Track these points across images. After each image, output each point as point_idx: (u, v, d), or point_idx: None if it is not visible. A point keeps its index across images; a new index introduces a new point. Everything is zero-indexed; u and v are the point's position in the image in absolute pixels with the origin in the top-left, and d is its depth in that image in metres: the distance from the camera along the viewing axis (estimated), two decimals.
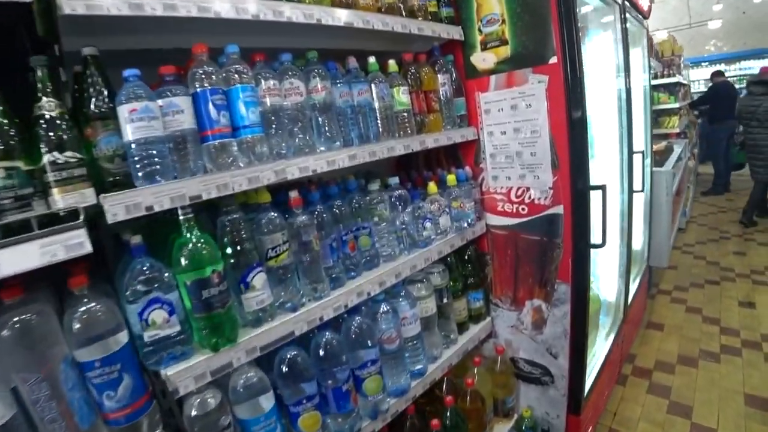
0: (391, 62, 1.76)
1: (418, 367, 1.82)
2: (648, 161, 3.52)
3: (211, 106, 1.17)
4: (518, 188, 2.04)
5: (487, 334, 2.28)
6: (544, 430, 2.15)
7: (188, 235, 1.16)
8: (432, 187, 1.91)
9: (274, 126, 1.34)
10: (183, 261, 1.15)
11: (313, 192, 1.49)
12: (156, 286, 1.14)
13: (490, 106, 2.05)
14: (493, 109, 2.04)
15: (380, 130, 1.65)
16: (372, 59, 1.71)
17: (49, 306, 1.08)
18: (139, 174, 1.08)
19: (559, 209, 1.93)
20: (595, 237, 1.97)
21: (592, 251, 1.97)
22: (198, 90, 1.17)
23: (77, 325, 1.06)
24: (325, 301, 1.42)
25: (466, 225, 2.02)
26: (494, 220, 2.16)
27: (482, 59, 2.01)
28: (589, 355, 2.22)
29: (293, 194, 1.39)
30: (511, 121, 1.98)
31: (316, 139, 1.46)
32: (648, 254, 3.82)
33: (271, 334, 1.30)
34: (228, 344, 1.21)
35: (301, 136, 1.40)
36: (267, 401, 1.35)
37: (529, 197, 2.01)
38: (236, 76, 1.22)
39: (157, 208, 1.08)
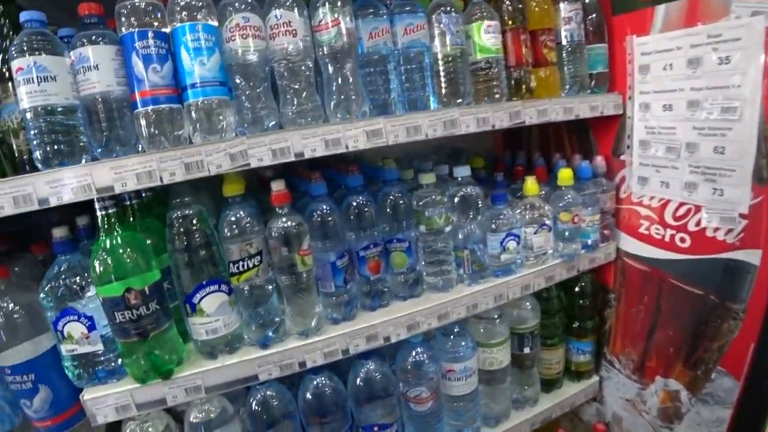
0: None
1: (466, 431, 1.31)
2: None
3: (136, 56, 0.78)
4: (680, 204, 1.22)
5: (590, 398, 1.59)
6: None
7: (104, 237, 0.86)
8: (531, 185, 1.25)
9: (249, 84, 0.89)
10: (93, 271, 0.86)
11: (315, 182, 1.02)
12: (72, 295, 0.90)
13: (649, 60, 1.22)
14: (655, 66, 1.20)
15: (443, 90, 1.05)
16: None
17: None
18: (37, 154, 0.79)
19: (751, 256, 1.09)
20: None
21: None
22: (124, 34, 0.79)
23: None
24: (313, 341, 1.00)
25: (581, 248, 1.32)
26: (632, 245, 1.39)
27: None
28: None
29: (276, 186, 0.95)
30: (686, 88, 1.14)
31: (326, 103, 0.96)
32: None
33: (225, 373, 0.96)
34: (158, 377, 0.92)
35: (296, 99, 0.92)
36: None
37: (698, 223, 1.18)
38: (183, 11, 0.79)
39: (54, 201, 0.79)
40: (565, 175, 1.29)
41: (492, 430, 1.36)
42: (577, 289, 1.45)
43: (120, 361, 0.95)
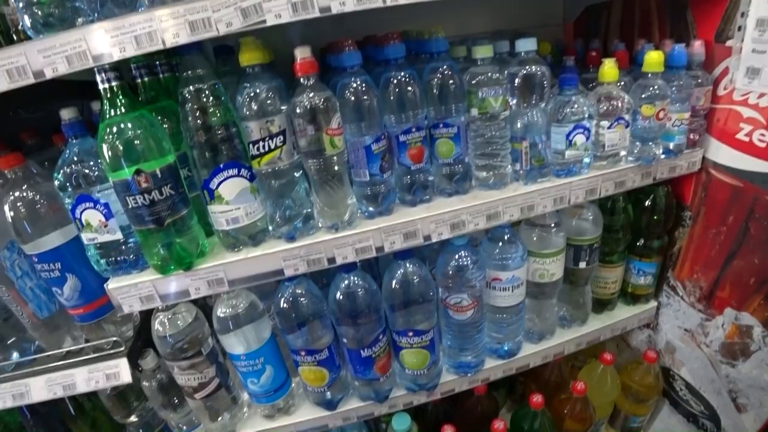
0: None
1: (506, 345, 1.22)
2: None
3: None
4: None
5: (643, 324, 1.46)
6: None
7: (108, 115, 0.76)
8: (609, 68, 1.02)
9: None
10: (100, 151, 0.77)
11: (348, 50, 0.83)
12: (87, 181, 0.84)
13: None
14: None
15: None
16: None
17: None
18: (26, 19, 0.71)
19: None
20: None
21: None
22: None
23: (10, 213, 0.88)
24: (344, 235, 0.89)
25: (661, 152, 1.10)
26: (725, 154, 1.14)
27: None
28: None
29: (301, 53, 0.79)
30: None
31: None
32: None
33: (249, 267, 0.89)
34: (179, 268, 0.85)
35: None
36: (253, 338, 1.01)
37: None
38: None
39: (49, 73, 0.71)
40: (653, 58, 1.04)
41: (534, 347, 1.27)
42: (648, 202, 1.25)
43: (138, 254, 0.89)
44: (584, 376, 1.42)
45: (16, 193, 0.88)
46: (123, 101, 0.77)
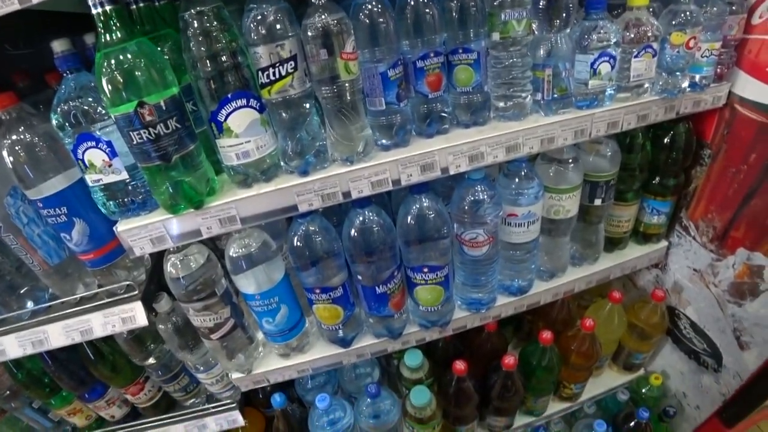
0: None
1: (518, 282, 1.23)
2: None
3: None
4: None
5: (653, 263, 1.47)
6: (669, 408, 1.46)
7: (104, 43, 0.70)
8: None
9: None
10: (98, 84, 0.72)
11: None
12: (86, 119, 0.79)
13: None
14: None
15: None
16: None
17: None
18: None
19: None
20: None
21: None
22: None
23: (9, 158, 0.84)
24: (359, 168, 0.86)
25: (687, 84, 1.05)
26: (753, 89, 1.09)
27: None
28: None
29: None
30: None
31: None
32: None
33: (261, 203, 0.86)
34: (189, 207, 0.82)
35: None
36: (266, 278, 1.01)
37: None
38: None
39: None
40: None
41: (545, 284, 1.28)
42: (667, 139, 1.21)
43: (146, 195, 0.86)
44: (592, 313, 1.45)
45: (14, 137, 0.84)
46: (120, 27, 0.70)
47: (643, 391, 1.59)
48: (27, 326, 1.01)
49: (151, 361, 1.23)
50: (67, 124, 0.80)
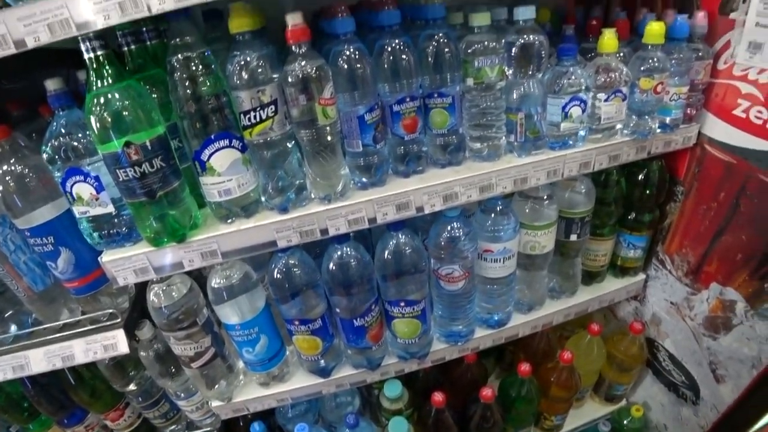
0: None
1: (496, 316, 1.25)
2: None
3: None
4: None
5: (631, 296, 1.50)
6: None
7: (95, 85, 0.74)
8: (608, 39, 1.00)
9: None
10: (88, 123, 0.75)
11: (341, 17, 0.81)
12: (76, 154, 0.82)
13: None
14: None
15: None
16: None
17: None
18: None
19: None
20: None
21: None
22: None
23: None
24: (336, 207, 0.89)
25: (656, 126, 1.10)
26: (720, 130, 1.14)
27: None
28: None
29: (292, 20, 0.77)
30: None
31: None
32: None
33: (242, 238, 0.89)
34: (172, 241, 0.85)
35: None
36: (247, 308, 1.02)
37: None
38: None
39: (31, 43, 0.68)
40: (654, 29, 1.02)
41: (524, 317, 1.30)
42: (641, 176, 1.25)
43: (131, 227, 0.89)
44: (572, 345, 1.46)
45: (4, 167, 0.86)
46: (110, 71, 0.74)
47: (625, 422, 1.59)
48: (8, 351, 1.02)
49: (132, 387, 1.23)
50: (57, 158, 0.83)
